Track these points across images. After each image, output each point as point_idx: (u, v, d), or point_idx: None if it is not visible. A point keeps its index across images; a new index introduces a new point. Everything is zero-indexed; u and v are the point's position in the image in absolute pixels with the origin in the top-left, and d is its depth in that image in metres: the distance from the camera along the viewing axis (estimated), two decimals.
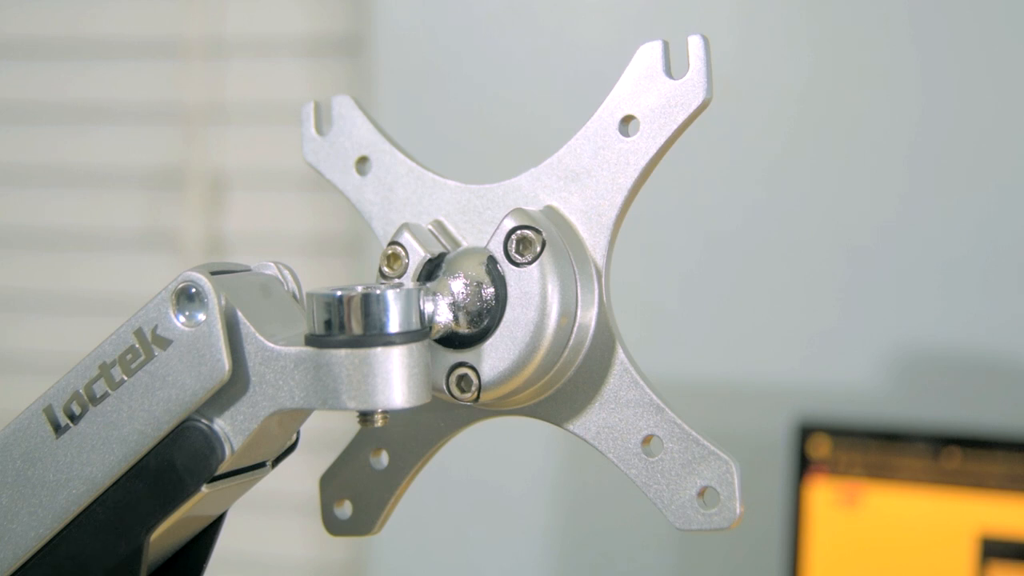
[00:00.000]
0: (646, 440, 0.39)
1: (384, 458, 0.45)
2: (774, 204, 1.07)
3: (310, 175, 0.48)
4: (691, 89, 0.39)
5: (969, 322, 1.04)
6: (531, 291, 0.39)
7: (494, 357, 0.39)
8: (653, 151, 0.39)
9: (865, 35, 1.05)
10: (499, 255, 0.39)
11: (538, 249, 0.39)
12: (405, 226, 0.41)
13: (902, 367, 1.05)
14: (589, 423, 0.40)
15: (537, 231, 0.39)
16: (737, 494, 0.38)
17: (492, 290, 0.39)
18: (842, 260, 1.06)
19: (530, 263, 0.39)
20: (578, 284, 0.39)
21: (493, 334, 0.39)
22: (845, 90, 1.05)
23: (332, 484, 0.46)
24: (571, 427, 0.41)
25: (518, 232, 0.39)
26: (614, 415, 0.40)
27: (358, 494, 0.45)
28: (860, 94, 1.05)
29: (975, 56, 1.03)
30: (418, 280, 0.41)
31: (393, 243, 0.41)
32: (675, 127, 0.39)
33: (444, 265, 0.41)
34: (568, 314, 0.39)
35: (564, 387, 0.40)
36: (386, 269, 0.41)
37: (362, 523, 0.45)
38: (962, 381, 1.04)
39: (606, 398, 0.40)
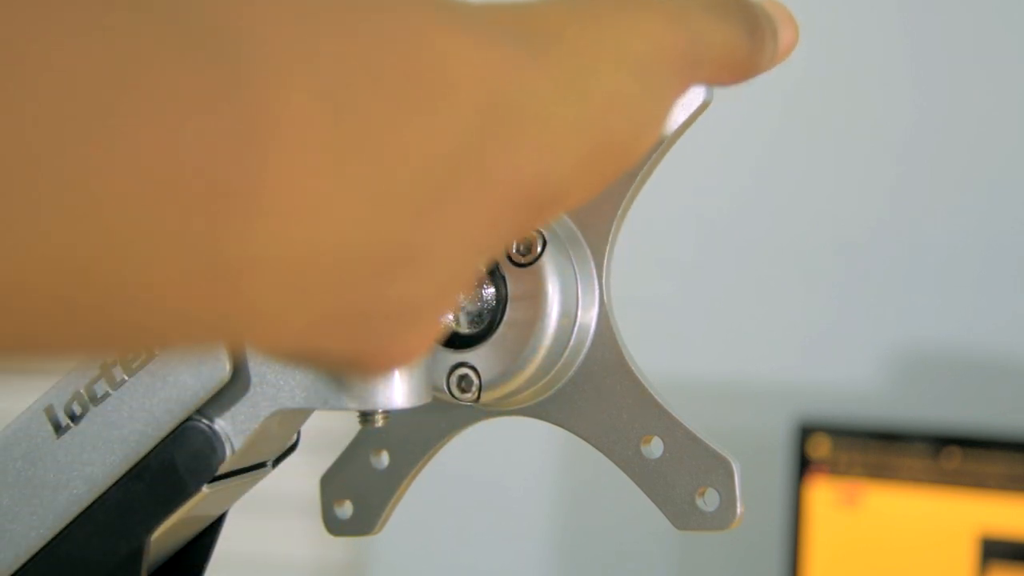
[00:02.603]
0: (646, 440, 0.39)
1: (385, 458, 0.45)
2: (774, 205, 1.07)
3: None
4: (690, 91, 0.38)
5: (968, 321, 1.04)
6: (531, 291, 0.38)
7: (494, 357, 0.39)
8: (652, 153, 0.39)
9: (859, 34, 1.05)
10: (516, 254, 0.39)
11: (539, 250, 0.38)
12: None
13: (902, 367, 1.05)
14: (589, 423, 0.40)
15: (538, 232, 0.38)
16: (737, 494, 0.38)
17: (492, 290, 0.39)
18: (841, 261, 1.06)
19: (530, 264, 0.38)
20: (579, 285, 0.39)
21: (494, 334, 0.39)
22: (840, 89, 1.05)
23: (333, 484, 0.45)
24: (571, 427, 0.40)
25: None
26: (614, 415, 0.39)
27: (359, 494, 0.45)
28: (855, 93, 1.05)
29: (969, 55, 1.03)
30: None
31: None
32: (673, 128, 0.38)
33: None
34: (568, 314, 0.39)
35: (565, 387, 0.40)
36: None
37: (363, 523, 0.45)
38: (962, 381, 1.04)
39: (606, 398, 0.39)
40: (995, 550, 0.92)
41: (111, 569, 0.38)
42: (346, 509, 0.45)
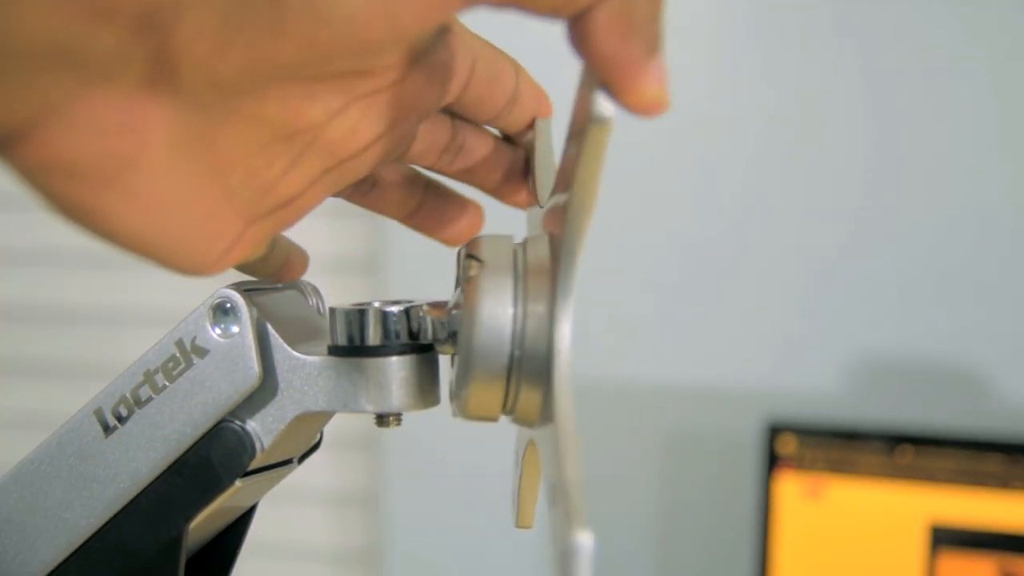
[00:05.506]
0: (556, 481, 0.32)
1: (514, 459, 0.42)
2: (748, 232, 1.07)
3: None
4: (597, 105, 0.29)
5: (920, 333, 1.04)
6: (463, 315, 0.33)
7: (455, 373, 0.35)
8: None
9: (824, 82, 1.05)
10: (461, 279, 0.35)
11: (471, 274, 0.33)
12: (476, 238, 0.36)
13: (861, 373, 1.05)
14: (545, 457, 0.34)
15: (477, 260, 0.33)
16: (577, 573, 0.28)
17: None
18: (807, 281, 1.06)
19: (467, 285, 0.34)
20: (525, 321, 0.33)
21: (456, 351, 0.35)
22: (808, 131, 1.06)
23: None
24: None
25: (466, 260, 0.34)
26: (545, 455, 0.33)
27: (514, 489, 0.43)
28: (821, 134, 1.05)
29: (922, 100, 1.03)
30: None
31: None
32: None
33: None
34: (497, 343, 0.33)
35: (542, 413, 0.34)
36: (462, 275, 0.36)
37: (515, 514, 0.44)
38: (914, 385, 1.04)
39: (545, 439, 0.33)
40: (943, 537, 0.92)
41: (154, 554, 0.38)
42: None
